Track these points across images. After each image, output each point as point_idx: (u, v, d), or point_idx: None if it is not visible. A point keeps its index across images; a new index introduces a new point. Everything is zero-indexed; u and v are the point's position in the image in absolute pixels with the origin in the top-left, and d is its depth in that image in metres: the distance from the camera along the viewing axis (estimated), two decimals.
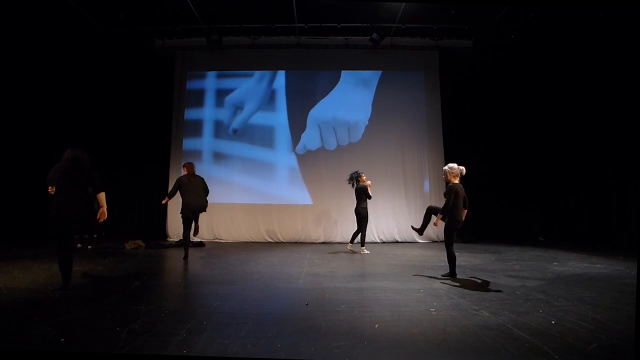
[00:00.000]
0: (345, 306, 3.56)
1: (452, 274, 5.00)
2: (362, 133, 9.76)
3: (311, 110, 9.77)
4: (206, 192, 6.61)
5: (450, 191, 4.99)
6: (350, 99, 9.85)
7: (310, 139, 9.71)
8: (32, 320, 3.04)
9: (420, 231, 5.58)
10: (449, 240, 5.04)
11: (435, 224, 5.23)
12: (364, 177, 7.55)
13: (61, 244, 4.07)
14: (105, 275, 4.96)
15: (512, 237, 9.17)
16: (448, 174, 5.15)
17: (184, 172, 6.68)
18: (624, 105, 7.53)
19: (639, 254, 2.70)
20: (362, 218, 7.34)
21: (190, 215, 6.35)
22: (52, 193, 4.32)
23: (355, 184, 7.57)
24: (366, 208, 7.36)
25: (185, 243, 6.52)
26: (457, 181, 5.09)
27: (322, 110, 9.80)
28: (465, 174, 5.25)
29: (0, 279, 4.60)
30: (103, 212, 4.20)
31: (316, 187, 9.58)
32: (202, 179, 6.65)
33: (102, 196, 4.21)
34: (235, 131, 9.80)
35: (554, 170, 9.40)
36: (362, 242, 7.50)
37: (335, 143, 9.73)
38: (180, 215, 6.42)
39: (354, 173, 7.66)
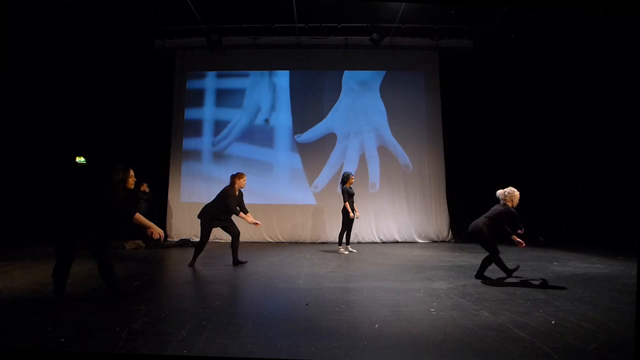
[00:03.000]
0: (345, 306, 3.56)
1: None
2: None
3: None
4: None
5: None
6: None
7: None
8: (32, 320, 3.04)
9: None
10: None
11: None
12: (352, 179, 7.48)
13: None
14: None
15: None
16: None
17: (240, 183, 5.90)
18: (624, 105, 7.53)
19: (639, 254, 2.70)
20: (343, 217, 7.37)
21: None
22: None
23: (341, 184, 7.52)
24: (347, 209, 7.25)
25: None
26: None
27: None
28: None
29: (0, 279, 4.59)
30: None
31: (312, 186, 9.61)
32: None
33: None
34: (267, 120, 9.78)
35: (554, 170, 9.40)
36: (339, 242, 7.53)
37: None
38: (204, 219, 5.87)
39: (344, 173, 7.60)
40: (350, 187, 7.45)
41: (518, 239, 4.78)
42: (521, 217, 5.29)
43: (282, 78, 9.97)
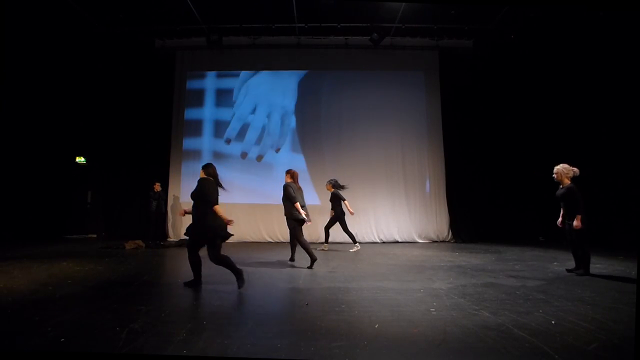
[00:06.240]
0: (345, 306, 3.56)
1: (586, 272, 5.01)
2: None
3: None
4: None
5: (575, 191, 4.99)
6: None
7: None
8: (32, 320, 3.04)
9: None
10: (586, 239, 5.06)
11: (577, 227, 4.98)
12: (329, 186, 7.80)
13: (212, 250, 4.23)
14: (105, 275, 4.96)
15: (512, 237, 9.17)
16: (561, 174, 5.12)
17: (288, 179, 6.05)
18: (624, 105, 7.53)
19: (639, 254, 2.70)
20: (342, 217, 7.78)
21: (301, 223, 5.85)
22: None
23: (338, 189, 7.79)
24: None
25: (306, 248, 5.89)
26: (569, 181, 5.06)
27: None
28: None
29: (0, 279, 4.59)
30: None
31: (317, 186, 9.60)
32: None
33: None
34: (228, 141, 9.83)
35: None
36: (353, 239, 7.88)
37: None
38: (296, 222, 5.81)
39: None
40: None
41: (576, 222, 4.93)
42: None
43: (282, 78, 9.97)
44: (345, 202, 7.62)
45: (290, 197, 5.80)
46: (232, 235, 4.39)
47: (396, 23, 8.90)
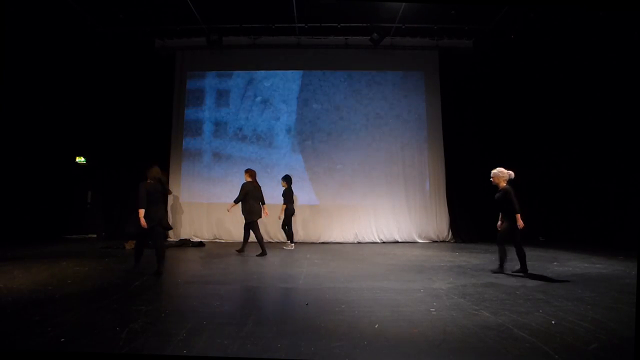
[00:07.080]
0: (345, 306, 3.56)
1: (523, 270, 5.14)
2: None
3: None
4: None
5: (510, 193, 5.19)
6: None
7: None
8: (32, 320, 3.04)
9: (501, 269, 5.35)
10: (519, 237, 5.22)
11: (521, 226, 5.18)
12: (283, 182, 8.02)
13: (153, 238, 5.33)
14: (105, 275, 4.96)
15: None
16: (498, 178, 5.38)
17: (247, 178, 7.06)
18: (624, 105, 7.53)
19: (639, 254, 2.70)
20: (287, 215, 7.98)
21: (256, 219, 6.95)
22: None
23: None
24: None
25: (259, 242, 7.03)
26: (506, 184, 5.29)
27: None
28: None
29: (0, 279, 4.60)
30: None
31: (317, 186, 9.60)
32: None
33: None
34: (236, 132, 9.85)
35: (554, 170, 9.40)
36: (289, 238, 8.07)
37: None
38: (247, 220, 6.96)
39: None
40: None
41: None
42: (521, 216, 5.28)
43: (282, 78, 9.97)
44: (284, 205, 7.85)
45: (236, 198, 6.94)
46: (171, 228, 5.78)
47: (396, 23, 8.90)
